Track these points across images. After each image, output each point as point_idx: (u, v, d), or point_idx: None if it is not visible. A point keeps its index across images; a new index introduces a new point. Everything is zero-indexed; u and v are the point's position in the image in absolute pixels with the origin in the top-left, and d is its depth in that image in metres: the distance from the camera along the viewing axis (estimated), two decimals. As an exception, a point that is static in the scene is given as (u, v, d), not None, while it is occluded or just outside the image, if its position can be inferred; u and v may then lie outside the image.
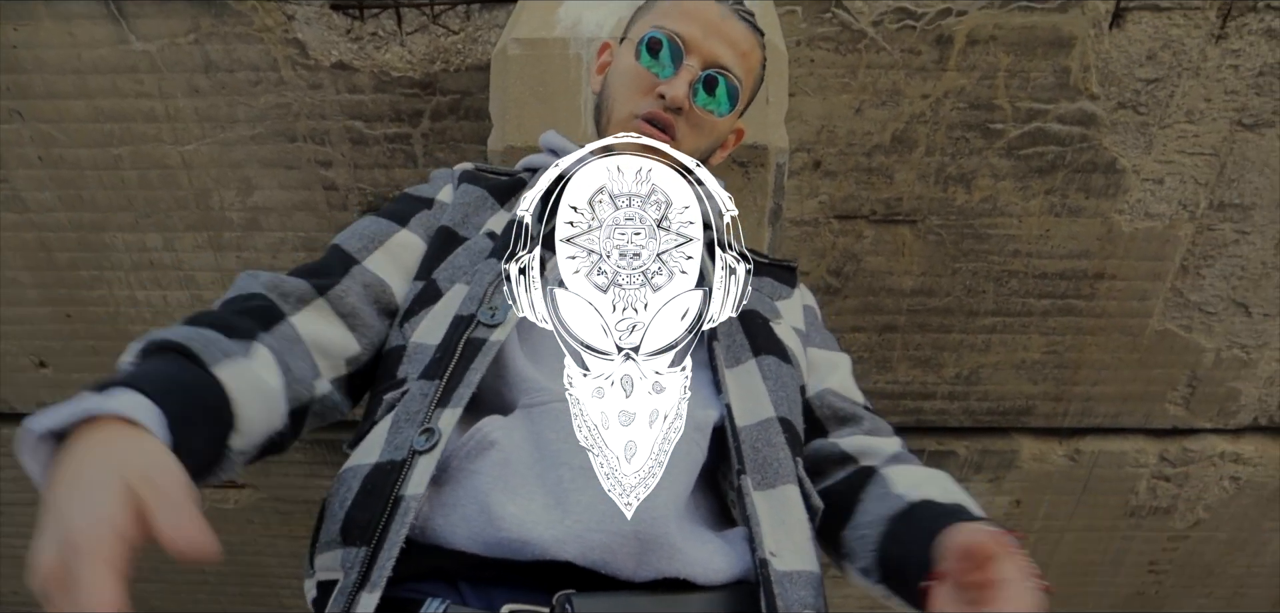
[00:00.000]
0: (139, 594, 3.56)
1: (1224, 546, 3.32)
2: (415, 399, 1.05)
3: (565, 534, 0.94)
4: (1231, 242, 2.55)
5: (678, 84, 1.24)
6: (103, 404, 0.78)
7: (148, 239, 2.62)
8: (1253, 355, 2.79)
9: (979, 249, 2.58)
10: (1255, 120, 2.35)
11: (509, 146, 1.74)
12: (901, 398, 2.92)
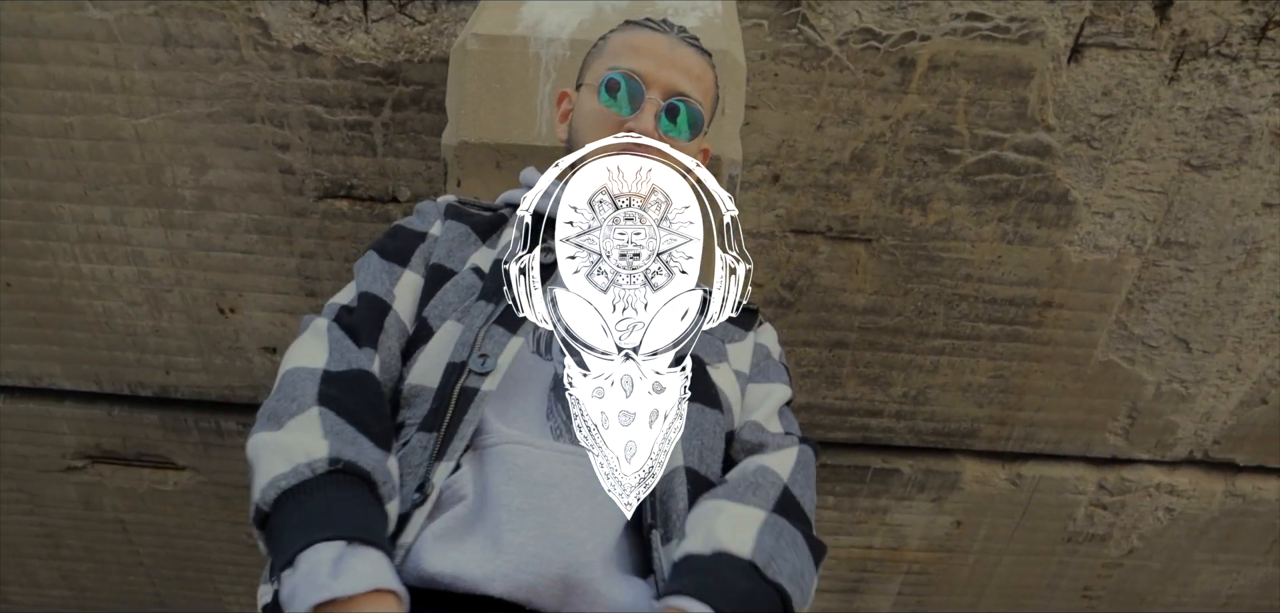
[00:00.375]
0: (70, 574, 3.49)
1: (1156, 575, 3.39)
2: (415, 451, 1.09)
3: (495, 573, 0.97)
4: (1175, 278, 2.61)
5: (643, 119, 1.28)
6: (364, 580, 0.88)
7: (96, 211, 2.57)
8: (1191, 390, 2.85)
9: (932, 271, 2.61)
10: (1203, 162, 2.41)
11: (462, 142, 1.73)
12: (849, 414, 2.95)
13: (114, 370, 2.94)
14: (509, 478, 1.04)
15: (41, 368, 2.94)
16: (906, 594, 3.51)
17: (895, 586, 3.48)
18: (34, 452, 3.16)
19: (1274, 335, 2.72)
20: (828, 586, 3.48)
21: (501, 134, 1.72)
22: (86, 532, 3.38)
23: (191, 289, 2.73)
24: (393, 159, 2.45)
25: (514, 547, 0.99)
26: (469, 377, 1.11)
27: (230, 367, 2.92)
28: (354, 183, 2.50)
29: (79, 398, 3.03)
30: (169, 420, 3.06)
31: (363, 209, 2.55)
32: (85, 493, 3.27)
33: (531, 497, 1.03)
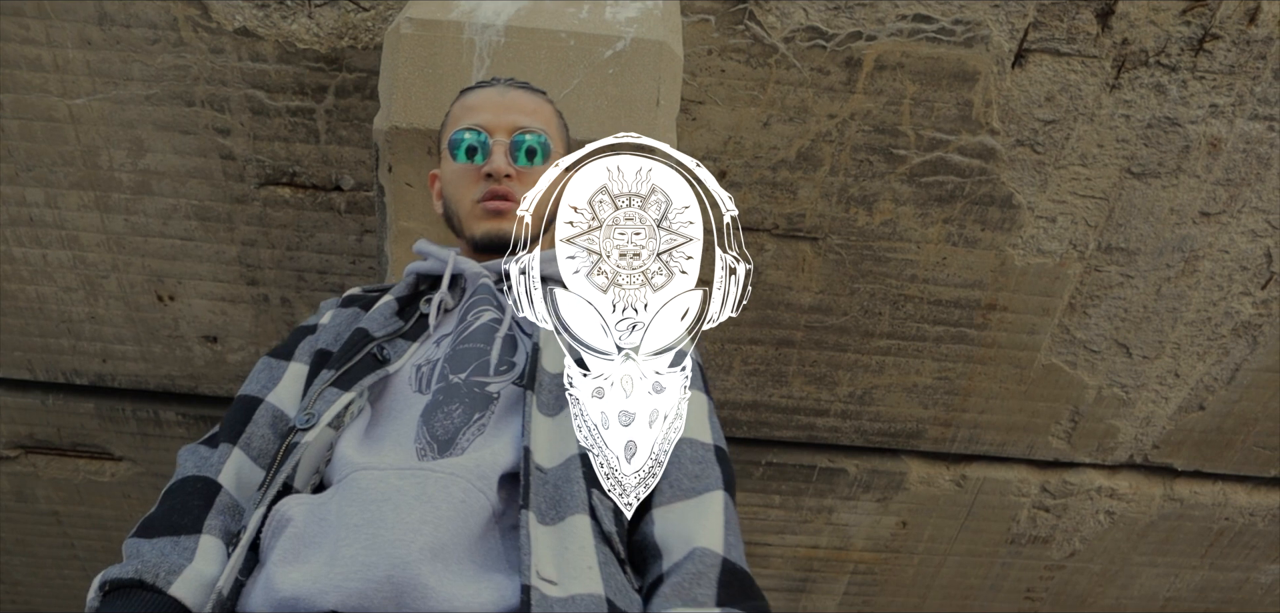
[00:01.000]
0: (2, 567, 3.41)
1: (1097, 577, 3.43)
2: (252, 502, 1.17)
3: (328, 586, 1.00)
4: (1117, 284, 2.64)
5: (495, 160, 1.38)
6: None
7: (28, 193, 2.51)
8: (1131, 395, 2.88)
9: (877, 271, 2.62)
10: (1143, 169, 2.43)
11: (393, 127, 1.71)
12: (795, 413, 2.95)
13: (48, 358, 2.88)
14: (350, 501, 1.07)
15: (-27, 354, 2.87)
16: (852, 594, 3.52)
17: (841, 585, 3.49)
18: (-34, 439, 3.09)
19: (1211, 343, 2.76)
20: (774, 585, 3.49)
21: (433, 119, 1.70)
22: (19, 524, 3.30)
23: (129, 276, 2.67)
24: (336, 147, 2.42)
25: (345, 559, 1.01)
26: (294, 433, 1.18)
27: (169, 356, 2.86)
28: (296, 170, 2.46)
29: (11, 386, 2.97)
30: (105, 410, 3.01)
31: (305, 197, 2.51)
32: (18, 484, 3.20)
33: (366, 512, 1.05)
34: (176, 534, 1.14)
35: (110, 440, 3.05)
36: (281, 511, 1.10)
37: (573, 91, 1.72)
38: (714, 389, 2.87)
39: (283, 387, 1.32)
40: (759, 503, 3.21)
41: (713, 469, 1.20)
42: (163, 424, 2.99)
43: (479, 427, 1.14)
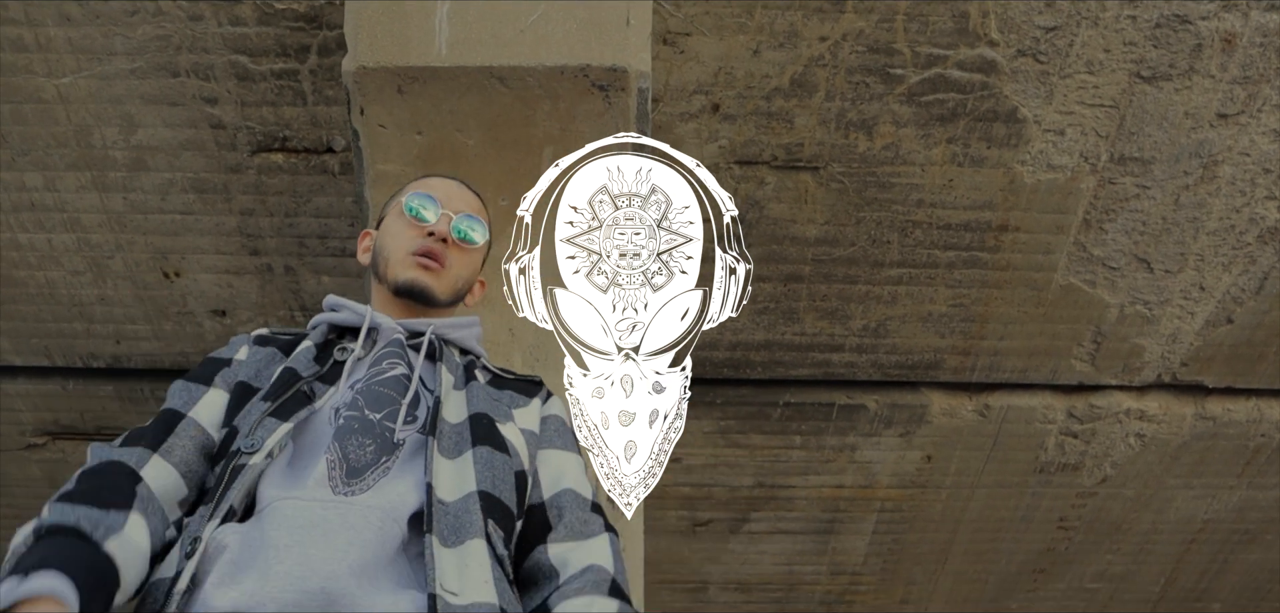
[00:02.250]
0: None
1: (1130, 502, 3.35)
2: (197, 521, 1.23)
3: (265, 599, 1.08)
4: (1133, 196, 2.55)
5: (440, 223, 1.51)
6: (35, 586, 1.01)
7: (27, 178, 2.52)
8: (1155, 312, 2.80)
9: (882, 198, 2.56)
10: (1154, 73, 2.34)
11: (361, 66, 1.69)
12: (809, 350, 2.90)
13: (64, 343, 2.90)
14: (278, 526, 1.15)
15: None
16: (881, 532, 3.48)
17: (869, 524, 3.45)
18: (-11, 428, 3.13)
19: (1236, 252, 2.67)
20: (801, 528, 3.45)
21: (400, 57, 1.68)
22: None
23: (133, 254, 2.68)
24: (324, 107, 2.40)
25: (279, 575, 1.10)
26: (239, 456, 1.26)
27: (181, 333, 2.88)
28: (287, 135, 2.45)
29: (32, 373, 3.00)
30: (124, 391, 3.03)
31: (299, 161, 2.50)
32: (49, 470, 3.25)
33: (295, 535, 1.14)
34: (105, 507, 1.16)
35: (131, 421, 3.08)
36: (218, 538, 1.17)
37: (539, 17, 1.69)
38: (725, 330, 2.84)
39: (202, 407, 1.39)
40: (780, 445, 3.17)
41: (596, 520, 1.37)
42: (178, 401, 3.01)
43: (385, 469, 1.25)
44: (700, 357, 2.86)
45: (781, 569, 3.61)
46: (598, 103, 1.66)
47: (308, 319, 2.82)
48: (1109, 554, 3.54)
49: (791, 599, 3.75)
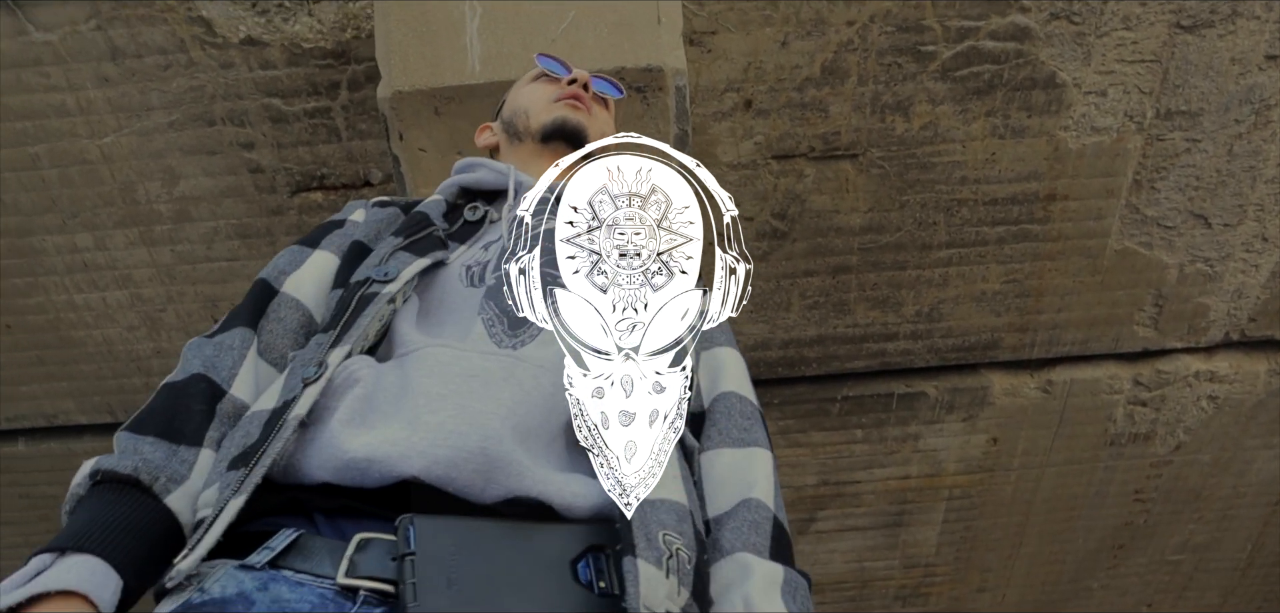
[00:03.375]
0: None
1: (1208, 467, 3.25)
2: (311, 349, 1.11)
3: (410, 450, 0.96)
4: (1183, 151, 2.48)
5: (578, 73, 1.43)
6: (61, 579, 0.88)
7: (78, 239, 2.58)
8: (1217, 269, 2.71)
9: (925, 179, 2.51)
10: (1194, 22, 2.28)
11: (396, 92, 1.69)
12: (863, 341, 2.86)
13: (124, 398, 2.95)
14: (429, 373, 1.04)
15: (55, 405, 2.96)
16: (952, 520, 3.40)
17: (939, 513, 3.38)
18: (62, 491, 3.17)
19: (1298, 196, 2.58)
20: (869, 523, 3.39)
21: (433, 78, 1.69)
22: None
23: (184, 305, 2.72)
24: (359, 141, 2.42)
25: (431, 425, 0.98)
26: (370, 285, 1.13)
27: (236, 379, 2.91)
28: (324, 172, 2.47)
29: (96, 430, 3.05)
30: (186, 441, 3.08)
31: (338, 198, 2.52)
32: (119, 525, 3.30)
33: (450, 385, 1.03)
34: (176, 442, 1.07)
35: (194, 470, 3.12)
36: (350, 369, 1.05)
37: (570, 24, 1.69)
38: (777, 329, 2.80)
39: (304, 275, 1.27)
40: (841, 440, 3.13)
41: (759, 428, 1.23)
42: (239, 446, 3.05)
43: (524, 335, 1.13)
44: (752, 358, 2.84)
45: (853, 567, 3.55)
46: (635, 105, 1.65)
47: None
48: (1190, 524, 3.43)
49: (865, 596, 3.69)
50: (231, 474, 1.00)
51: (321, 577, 0.92)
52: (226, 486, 0.98)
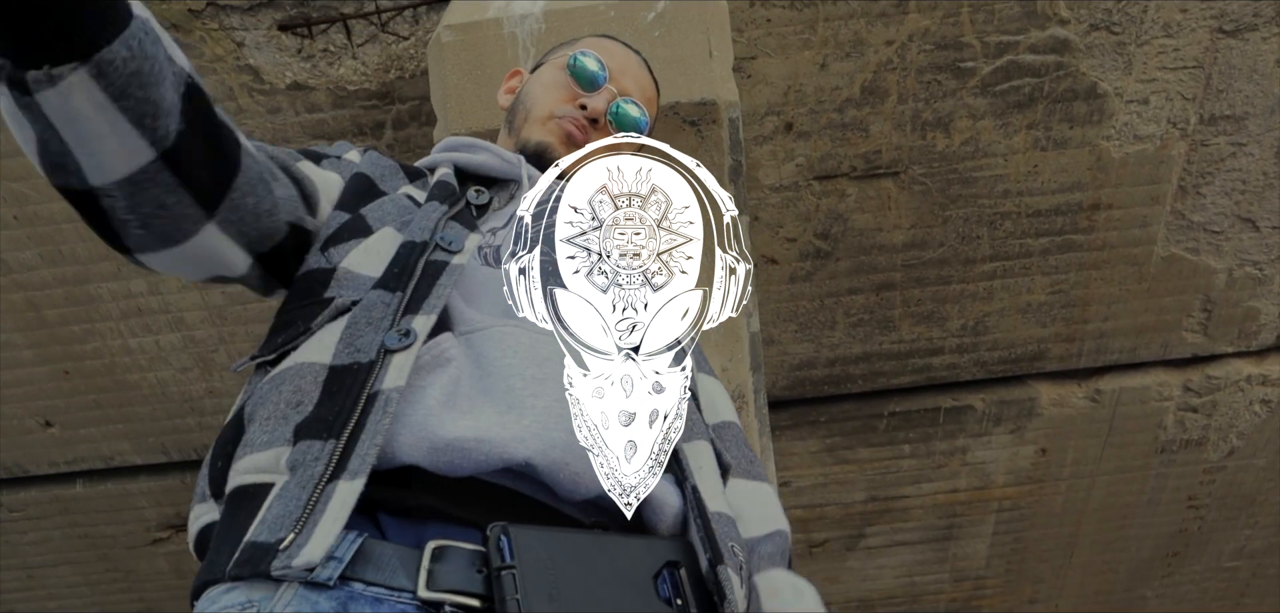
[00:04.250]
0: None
1: (1263, 472, 3.21)
2: (376, 306, 0.99)
3: (524, 432, 0.93)
4: (1228, 155, 2.46)
5: (598, 99, 1.34)
6: None
7: (132, 285, 2.63)
8: (1266, 271, 2.69)
9: (967, 194, 2.51)
10: (1236, 25, 2.26)
11: (452, 134, 1.71)
12: (909, 357, 2.85)
13: (179, 438, 3.00)
14: (513, 354, 1.00)
15: (112, 447, 3.02)
16: (1002, 533, 3.39)
17: (989, 526, 3.36)
18: (120, 530, 3.25)
19: (1348, 196, 2.55)
20: (918, 537, 3.38)
21: (489, 120, 1.70)
22: (182, 600, 3.46)
23: (236, 345, 2.77)
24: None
25: (538, 410, 0.95)
26: (435, 252, 1.06)
27: (287, 415, 2.96)
28: (371, 211, 2.51)
29: (152, 471, 3.11)
30: (239, 478, 3.12)
31: (384, 236, 2.56)
32: (175, 562, 3.35)
33: (543, 369, 1.00)
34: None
35: (248, 507, 3.17)
36: (441, 347, 0.98)
37: (626, 60, 1.70)
38: (822, 347, 2.81)
39: (310, 166, 1.16)
40: (889, 456, 3.12)
41: (759, 464, 1.25)
42: (292, 482, 3.09)
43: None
44: (798, 377, 2.85)
45: (903, 582, 3.54)
46: (690, 138, 1.67)
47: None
48: (1246, 530, 3.39)
49: (916, 611, 3.67)
50: (310, 446, 0.87)
51: (398, 590, 0.83)
52: (309, 460, 0.86)
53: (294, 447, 0.88)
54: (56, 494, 3.12)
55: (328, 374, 0.94)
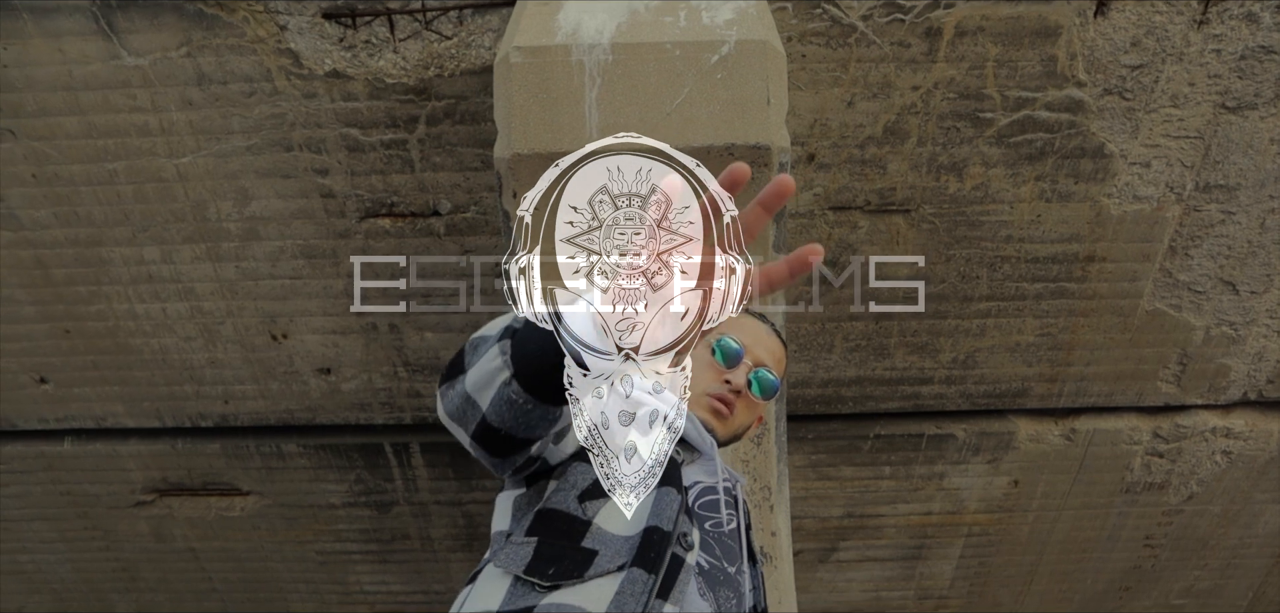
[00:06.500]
0: (148, 605, 3.58)
1: (1217, 518, 3.37)
2: (638, 582, 1.17)
3: None
4: (1218, 222, 2.59)
5: (739, 375, 1.53)
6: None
7: (145, 252, 2.63)
8: (1241, 332, 2.83)
9: (972, 236, 2.61)
10: (1238, 103, 2.38)
11: (515, 154, 1.76)
12: (899, 384, 2.95)
13: (174, 405, 3.01)
14: None
15: (105, 408, 3.01)
16: (968, 557, 3.51)
17: (957, 549, 3.48)
18: (104, 490, 3.24)
19: (1323, 269, 2.70)
20: (888, 555, 3.49)
21: (553, 143, 1.75)
22: (160, 563, 3.46)
23: (243, 319, 2.78)
24: (431, 174, 2.49)
25: None
26: (676, 546, 1.22)
27: (287, 391, 2.97)
28: (394, 200, 2.54)
29: (143, 434, 3.11)
30: (231, 448, 3.13)
31: (405, 225, 2.59)
32: (156, 525, 3.36)
33: None
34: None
35: (237, 477, 3.18)
36: None
37: (684, 100, 1.76)
38: (818, 368, 2.89)
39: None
40: (869, 476, 3.22)
41: None
42: (285, 457, 3.11)
43: None
44: (793, 395, 2.94)
45: (869, 596, 3.65)
46: (739, 177, 1.74)
47: (410, 376, 2.93)
48: (1196, 571, 3.56)
49: (877, 625, 3.79)
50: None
51: None
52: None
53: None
54: (43, 450, 3.11)
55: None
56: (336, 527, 3.32)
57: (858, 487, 3.23)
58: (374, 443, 3.09)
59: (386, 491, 3.21)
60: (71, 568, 3.49)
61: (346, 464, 3.13)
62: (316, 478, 3.15)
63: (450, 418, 1.19)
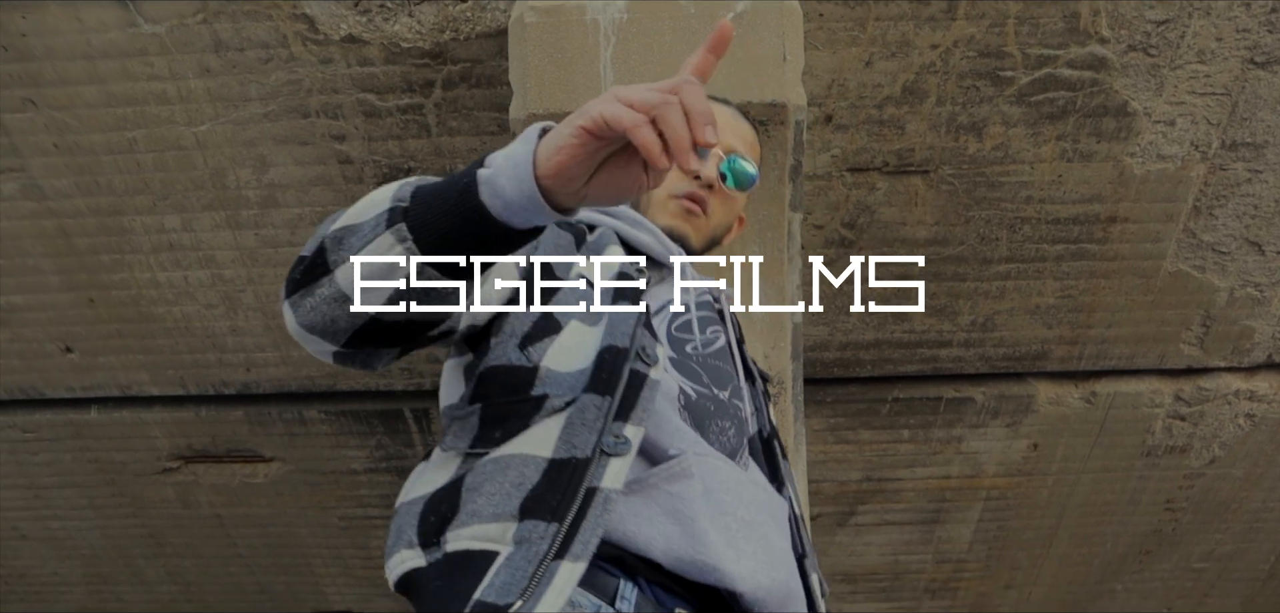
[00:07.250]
0: (175, 571, 3.63)
1: (1239, 482, 3.35)
2: (589, 409, 1.07)
3: (740, 571, 1.05)
4: (1244, 181, 2.56)
5: (709, 166, 1.40)
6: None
7: (166, 221, 2.65)
8: (1266, 294, 2.80)
9: (991, 197, 2.59)
10: (1267, 58, 2.35)
11: (531, 114, 1.76)
12: (918, 347, 2.94)
13: (198, 372, 3.04)
14: (727, 491, 1.11)
15: (129, 377, 3.04)
16: (987, 520, 3.50)
17: (975, 513, 3.48)
18: (131, 458, 3.28)
19: (1350, 228, 2.66)
20: (907, 518, 3.49)
21: (568, 103, 1.75)
22: (186, 529, 3.50)
23: (264, 287, 2.80)
24: (448, 138, 2.49)
25: (748, 554, 1.08)
26: (635, 361, 1.11)
27: (308, 357, 2.99)
28: (411, 165, 2.55)
29: (167, 402, 3.14)
30: (254, 415, 3.16)
31: (421, 192, 2.59)
32: (182, 492, 3.39)
33: (752, 512, 1.12)
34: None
35: (260, 443, 3.21)
36: (685, 465, 1.09)
37: (699, 58, 1.75)
38: (836, 332, 2.89)
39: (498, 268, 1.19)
40: (888, 440, 3.22)
41: None
42: (307, 423, 3.13)
43: (744, 461, 1.24)
44: (810, 358, 2.93)
45: (887, 559, 3.66)
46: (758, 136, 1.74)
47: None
48: (1217, 534, 3.54)
49: (897, 588, 3.79)
50: (535, 525, 1.00)
51: None
52: (535, 537, 0.98)
53: (520, 523, 1.00)
54: (71, 418, 3.14)
55: (548, 465, 1.04)
56: (358, 492, 3.35)
57: (876, 450, 3.23)
58: (394, 409, 3.11)
59: (407, 456, 3.22)
60: (101, 534, 3.53)
61: (367, 430, 3.15)
62: (338, 444, 3.17)
63: (309, 330, 1.06)
